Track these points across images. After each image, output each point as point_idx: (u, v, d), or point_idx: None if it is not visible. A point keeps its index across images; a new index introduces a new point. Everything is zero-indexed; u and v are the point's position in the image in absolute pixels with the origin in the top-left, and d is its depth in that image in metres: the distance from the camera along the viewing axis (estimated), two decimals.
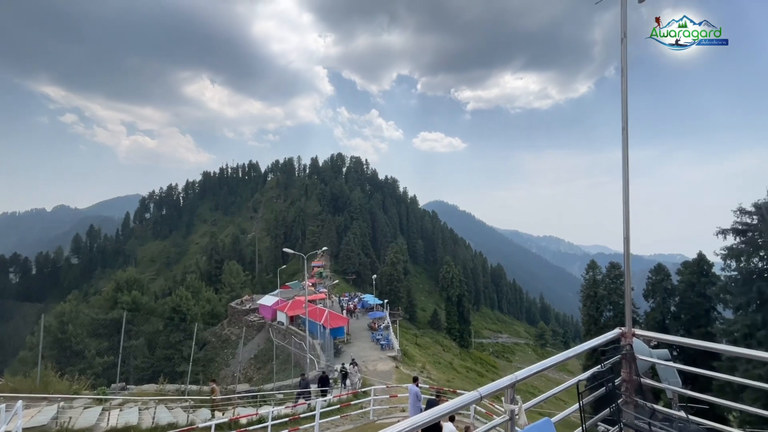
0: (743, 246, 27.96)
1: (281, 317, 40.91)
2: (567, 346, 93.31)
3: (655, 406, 3.22)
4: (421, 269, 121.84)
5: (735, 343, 26.90)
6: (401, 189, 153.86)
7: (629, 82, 3.48)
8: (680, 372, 3.61)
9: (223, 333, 48.43)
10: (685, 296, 34.67)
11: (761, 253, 27.15)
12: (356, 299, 53.72)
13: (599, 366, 3.05)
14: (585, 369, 25.16)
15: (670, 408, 3.43)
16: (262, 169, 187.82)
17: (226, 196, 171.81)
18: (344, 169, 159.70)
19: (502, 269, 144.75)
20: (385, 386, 17.95)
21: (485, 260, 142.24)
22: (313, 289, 55.58)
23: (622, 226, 3.44)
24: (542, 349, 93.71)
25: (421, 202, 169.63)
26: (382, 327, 38.44)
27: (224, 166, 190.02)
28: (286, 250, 28.73)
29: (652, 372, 3.71)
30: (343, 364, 23.71)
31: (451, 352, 61.40)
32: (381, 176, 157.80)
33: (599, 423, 3.29)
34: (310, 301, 41.03)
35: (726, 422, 26.10)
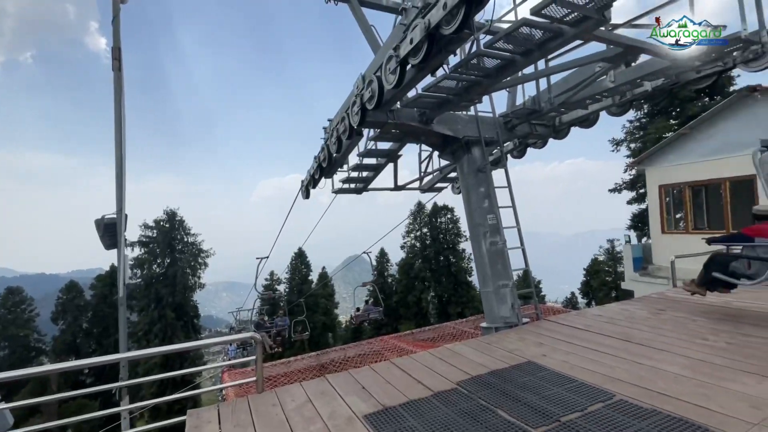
0: (146, 256, 33.21)
1: None
2: None
3: None
4: None
5: (138, 340, 31.01)
6: None
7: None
8: None
9: None
10: (98, 309, 35.21)
11: (158, 261, 33.54)
12: None
13: None
14: None
15: None
16: None
17: None
18: None
19: None
20: None
21: None
22: None
23: None
24: None
25: None
26: None
27: None
28: None
29: None
30: None
31: None
32: None
33: None
34: None
35: None
